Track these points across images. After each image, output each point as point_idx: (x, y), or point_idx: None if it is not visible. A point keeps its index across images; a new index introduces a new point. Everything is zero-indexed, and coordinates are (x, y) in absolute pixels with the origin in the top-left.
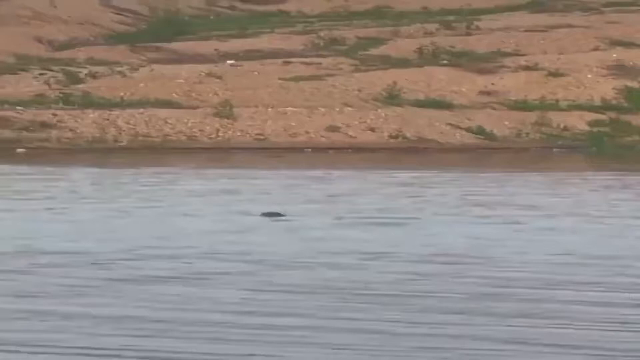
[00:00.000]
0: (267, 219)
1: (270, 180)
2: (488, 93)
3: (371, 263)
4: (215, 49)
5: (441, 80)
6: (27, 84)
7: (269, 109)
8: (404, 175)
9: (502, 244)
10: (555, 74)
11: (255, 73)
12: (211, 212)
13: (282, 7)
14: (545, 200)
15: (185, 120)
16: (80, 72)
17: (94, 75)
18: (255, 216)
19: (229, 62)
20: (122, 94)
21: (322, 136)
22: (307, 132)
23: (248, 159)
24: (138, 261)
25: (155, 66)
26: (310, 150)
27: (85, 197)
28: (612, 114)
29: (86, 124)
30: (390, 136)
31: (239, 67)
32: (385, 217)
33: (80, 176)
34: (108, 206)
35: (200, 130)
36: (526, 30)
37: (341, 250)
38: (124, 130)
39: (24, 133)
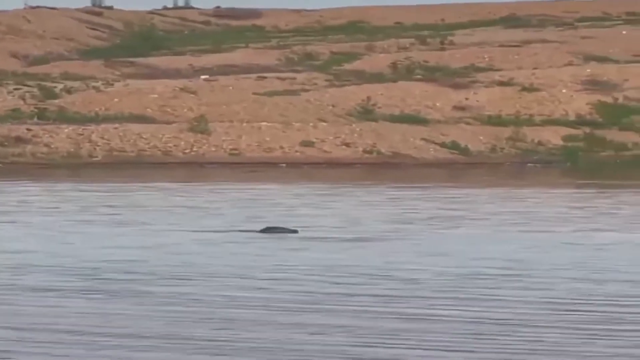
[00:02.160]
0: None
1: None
2: (462, 108)
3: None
4: (190, 64)
5: (415, 95)
6: (2, 99)
7: (244, 124)
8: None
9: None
10: (529, 89)
11: (230, 88)
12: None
13: (256, 22)
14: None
15: (160, 135)
16: (55, 87)
17: (68, 90)
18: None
19: (203, 77)
20: (97, 109)
21: (297, 151)
22: (282, 147)
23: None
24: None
25: (129, 81)
26: (285, 165)
27: None
28: (587, 129)
29: (61, 138)
30: (365, 151)
31: (213, 82)
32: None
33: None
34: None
35: (174, 145)
36: (500, 46)
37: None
38: (98, 145)
39: None
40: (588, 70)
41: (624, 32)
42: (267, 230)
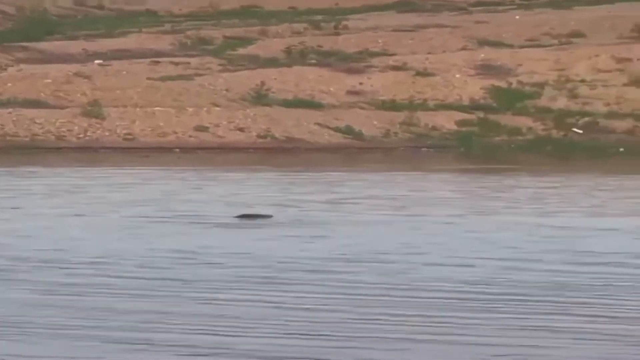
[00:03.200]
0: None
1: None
2: (356, 93)
3: None
4: (84, 49)
5: (310, 80)
6: None
7: (138, 109)
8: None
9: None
10: (423, 74)
11: (124, 73)
12: None
13: (150, 6)
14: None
15: (54, 120)
16: None
17: None
18: None
19: (97, 62)
20: None
21: (191, 136)
22: (176, 132)
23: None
24: None
25: (23, 66)
26: (178, 150)
27: None
28: (481, 114)
29: None
30: (259, 136)
31: (107, 67)
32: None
33: None
34: None
35: (68, 130)
36: (394, 30)
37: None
38: None
39: None
40: (482, 54)
41: (517, 17)
42: (244, 216)
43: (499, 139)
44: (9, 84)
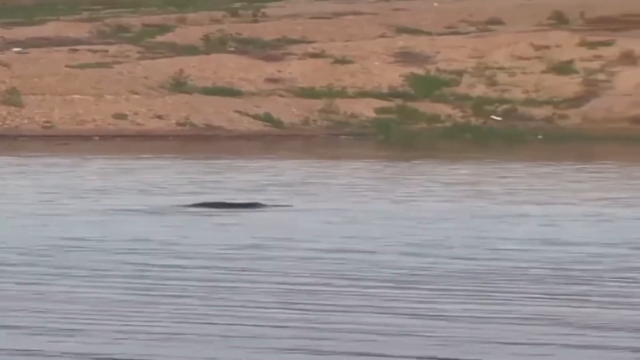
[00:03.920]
0: None
1: None
2: (275, 80)
3: None
4: (1, 37)
5: (229, 67)
6: None
7: (56, 97)
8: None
9: None
10: (342, 61)
11: (42, 61)
12: None
13: None
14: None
15: None
16: None
17: None
18: None
19: (15, 49)
20: None
21: (110, 124)
22: (95, 120)
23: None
24: None
25: None
26: (97, 138)
27: None
28: (399, 101)
29: None
30: (178, 124)
31: (25, 55)
32: None
33: None
34: None
35: None
36: (313, 18)
37: None
38: None
39: None
40: (400, 42)
41: (435, 4)
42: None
43: (417, 126)
44: None
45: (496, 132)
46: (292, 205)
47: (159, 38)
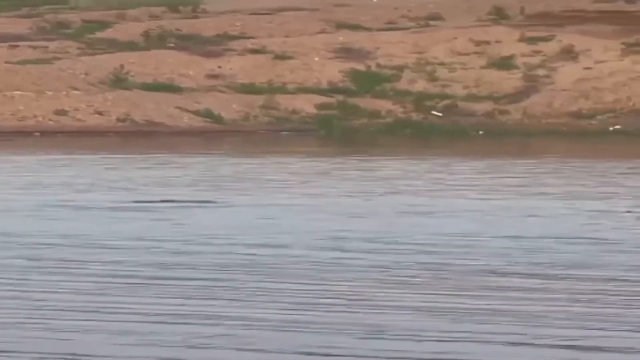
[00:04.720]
0: None
1: None
2: (215, 76)
3: None
4: None
5: (169, 63)
6: None
7: None
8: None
9: None
10: (282, 57)
11: None
12: None
13: None
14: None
15: None
16: None
17: None
18: None
19: None
20: None
21: (51, 120)
22: (36, 116)
23: None
24: None
25: None
26: (38, 134)
27: None
28: (340, 97)
29: None
30: (119, 120)
31: None
32: None
33: None
34: None
35: None
36: (252, 14)
37: None
38: None
39: None
40: (340, 38)
41: (375, 1)
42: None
43: (358, 122)
44: None
45: (437, 127)
46: (215, 202)
47: (99, 34)
